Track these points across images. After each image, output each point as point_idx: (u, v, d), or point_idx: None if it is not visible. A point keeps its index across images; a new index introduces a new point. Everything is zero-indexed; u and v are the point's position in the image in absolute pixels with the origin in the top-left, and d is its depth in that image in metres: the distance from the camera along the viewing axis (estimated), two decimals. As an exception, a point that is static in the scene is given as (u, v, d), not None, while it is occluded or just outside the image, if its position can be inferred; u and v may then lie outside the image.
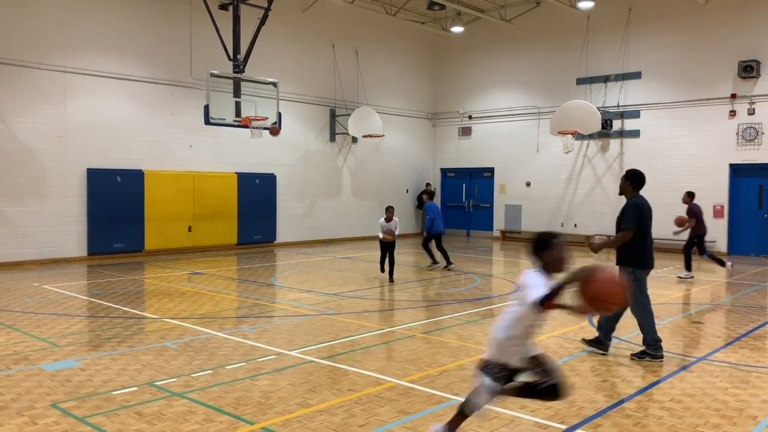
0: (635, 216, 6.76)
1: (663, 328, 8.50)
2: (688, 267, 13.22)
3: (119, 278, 12.48)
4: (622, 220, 6.88)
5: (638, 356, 6.90)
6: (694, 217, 13.09)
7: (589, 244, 6.94)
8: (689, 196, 13.32)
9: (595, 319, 7.52)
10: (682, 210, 13.53)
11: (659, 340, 6.87)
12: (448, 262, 14.03)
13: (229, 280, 12.50)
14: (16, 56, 14.06)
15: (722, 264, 13.51)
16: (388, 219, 12.36)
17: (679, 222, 13.16)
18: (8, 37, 13.98)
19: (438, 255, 14.28)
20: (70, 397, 5.47)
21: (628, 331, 8.25)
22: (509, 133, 22.11)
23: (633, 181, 7.03)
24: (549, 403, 5.40)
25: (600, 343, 7.09)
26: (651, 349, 6.86)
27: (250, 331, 8.15)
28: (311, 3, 19.29)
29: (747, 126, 17.27)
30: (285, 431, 4.80)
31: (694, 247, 13.30)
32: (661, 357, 6.83)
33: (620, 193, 7.16)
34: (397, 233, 12.41)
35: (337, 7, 19.87)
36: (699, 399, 5.60)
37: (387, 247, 12.37)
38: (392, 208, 12.69)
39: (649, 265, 6.88)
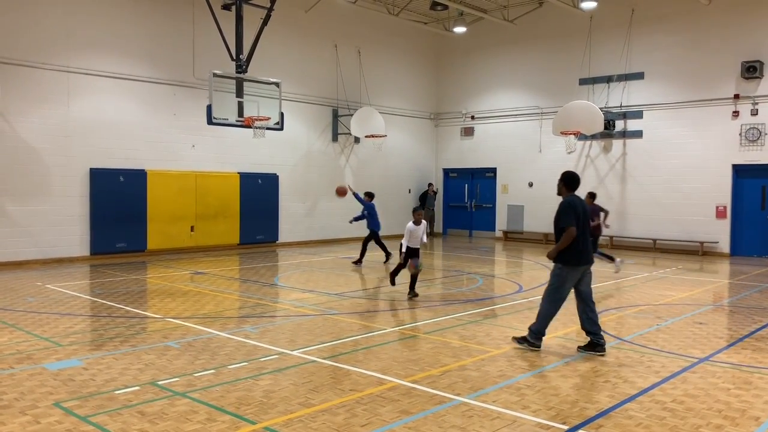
0: (570, 214, 7.01)
1: (665, 328, 8.50)
2: (610, 258, 13.81)
3: (122, 278, 12.50)
4: (558, 221, 7.10)
5: (519, 340, 7.36)
6: (597, 217, 13.29)
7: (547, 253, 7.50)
8: (591, 197, 13.49)
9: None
10: (685, 210, 13.50)
11: (542, 335, 7.24)
12: (388, 256, 14.94)
13: (232, 280, 12.51)
14: (19, 56, 14.09)
15: (611, 260, 13.79)
16: (417, 222, 10.59)
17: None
18: (12, 37, 14.01)
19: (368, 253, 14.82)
20: (72, 396, 5.49)
21: (630, 332, 8.25)
22: (512, 134, 22.11)
23: (567, 182, 7.34)
24: (551, 404, 5.40)
25: (595, 345, 7.12)
26: (532, 337, 7.25)
27: (252, 330, 8.16)
28: (314, 3, 19.30)
29: (750, 127, 17.24)
30: (287, 431, 4.80)
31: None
32: (539, 348, 7.22)
33: (558, 194, 7.45)
34: (425, 240, 10.75)
35: (339, 7, 19.88)
36: (701, 400, 5.59)
37: (411, 256, 10.57)
38: (421, 210, 11.01)
39: (578, 263, 7.05)
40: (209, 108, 13.82)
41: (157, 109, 16.41)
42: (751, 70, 16.96)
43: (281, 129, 15.37)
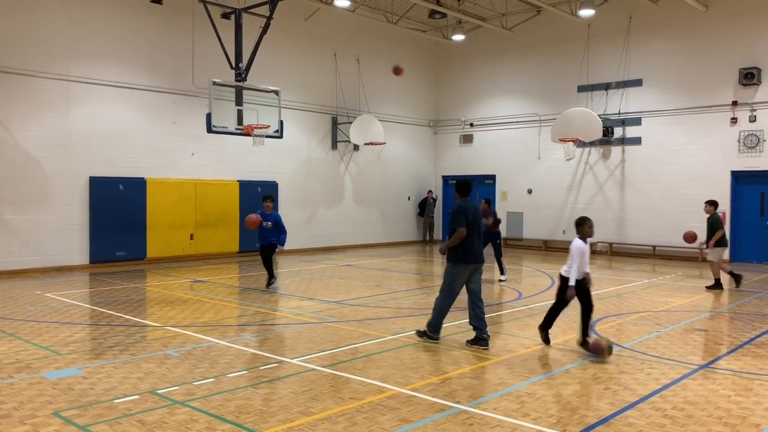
0: (461, 217, 7.67)
1: (665, 335, 8.49)
2: (502, 271, 13.81)
3: (121, 286, 12.49)
4: (451, 223, 7.77)
5: (419, 334, 7.99)
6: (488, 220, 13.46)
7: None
8: (487, 203, 13.77)
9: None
10: (684, 216, 13.50)
11: (439, 328, 7.89)
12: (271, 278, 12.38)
13: (231, 288, 12.50)
14: (19, 65, 14.14)
15: (502, 272, 13.77)
16: (587, 236, 7.82)
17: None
18: (12, 46, 14.06)
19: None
20: (72, 406, 5.48)
21: (630, 338, 8.25)
22: (511, 141, 22.14)
23: (458, 189, 8.05)
24: (551, 411, 5.40)
25: (479, 339, 7.65)
26: (430, 331, 7.91)
27: (251, 339, 8.15)
28: (313, 11, 19.38)
29: (748, 133, 17.28)
30: (287, 439, 4.79)
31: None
32: (437, 340, 7.84)
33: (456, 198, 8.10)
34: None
35: (338, 16, 19.95)
36: (702, 407, 5.59)
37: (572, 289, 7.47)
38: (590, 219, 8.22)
39: (467, 261, 7.69)
40: (209, 116, 13.82)
41: (157, 117, 16.44)
42: (749, 77, 17.01)
43: (281, 137, 15.37)
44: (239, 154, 17.83)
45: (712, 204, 12.60)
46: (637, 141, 19.26)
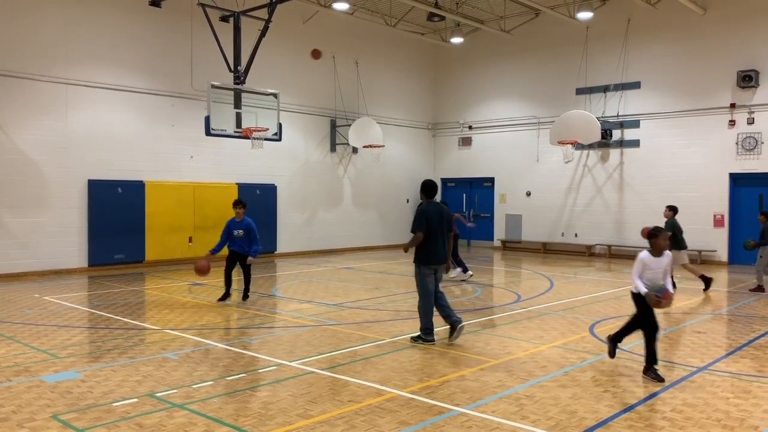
0: (422, 220, 7.88)
1: (664, 338, 8.49)
2: (465, 269, 14.13)
3: (120, 289, 12.48)
4: (413, 224, 8.03)
5: (414, 339, 8.06)
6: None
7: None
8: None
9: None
10: (683, 219, 13.49)
11: (431, 328, 7.97)
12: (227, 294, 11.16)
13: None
14: (18, 68, 14.14)
15: (465, 271, 14.13)
16: (662, 249, 6.85)
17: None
18: (10, 49, 14.06)
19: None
20: (70, 409, 5.47)
21: (629, 341, 8.24)
22: (509, 143, 22.17)
23: (423, 191, 8.20)
24: (550, 414, 5.40)
25: (452, 328, 7.93)
26: (423, 334, 7.97)
27: (250, 342, 8.14)
28: (312, 14, 19.40)
29: (746, 135, 17.31)
30: (286, 442, 4.79)
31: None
32: (432, 341, 7.92)
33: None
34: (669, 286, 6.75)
35: (337, 19, 19.98)
36: (700, 409, 5.59)
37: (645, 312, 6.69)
38: (667, 232, 7.26)
39: (429, 262, 7.91)
40: (207, 119, 13.83)
41: (156, 120, 16.44)
42: (746, 80, 17.04)
43: (279, 140, 15.37)
44: (238, 157, 17.84)
45: (671, 209, 12.90)
46: (635, 143, 19.29)
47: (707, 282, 12.74)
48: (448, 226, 8.17)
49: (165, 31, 16.52)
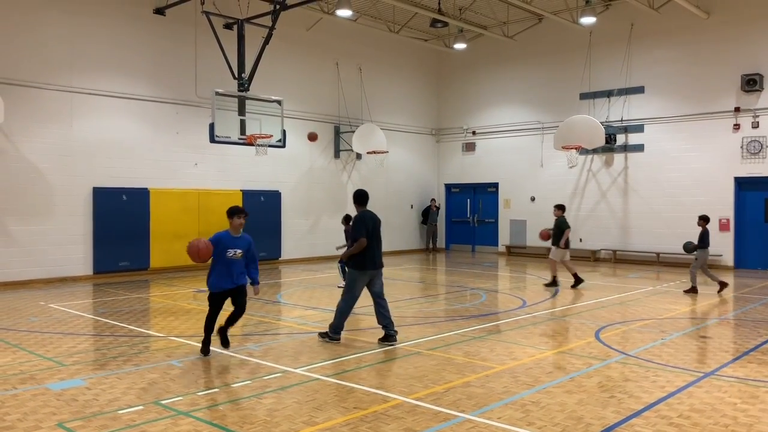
0: (361, 227, 8.22)
1: (670, 343, 8.46)
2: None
3: (125, 296, 12.49)
4: (352, 232, 8.32)
5: (321, 335, 8.45)
6: None
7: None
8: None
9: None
10: (688, 223, 13.49)
11: (341, 329, 8.34)
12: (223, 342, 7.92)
13: (235, 298, 12.47)
14: (23, 77, 14.21)
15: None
16: None
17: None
18: (16, 58, 14.14)
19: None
20: (76, 417, 5.47)
21: (635, 346, 8.22)
22: (513, 149, 22.16)
23: (355, 200, 8.60)
24: (556, 420, 5.37)
25: (388, 336, 8.22)
26: (331, 332, 8.32)
27: (255, 348, 8.13)
28: (315, 21, 19.46)
29: (751, 139, 17.27)
30: (291, 450, 4.77)
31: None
32: (338, 340, 8.31)
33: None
34: None
35: (340, 26, 20.03)
36: (708, 414, 5.55)
37: None
38: None
39: (365, 267, 8.24)
40: (212, 126, 13.89)
41: (160, 127, 16.49)
42: (751, 83, 17.01)
43: (283, 146, 15.42)
44: (242, 164, 17.87)
45: (560, 208, 13.99)
46: (639, 148, 19.25)
47: (577, 280, 13.62)
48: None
49: (169, 39, 16.58)
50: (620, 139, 19.52)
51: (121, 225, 15.49)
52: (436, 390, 6.26)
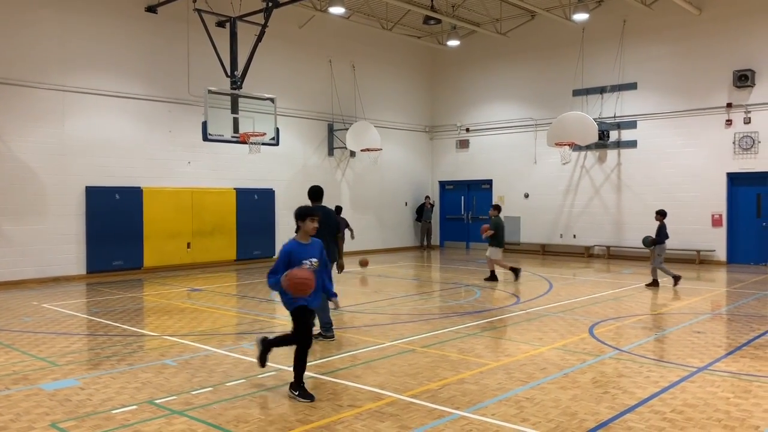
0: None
1: (663, 338, 8.49)
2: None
3: (118, 296, 12.45)
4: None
5: (315, 336, 7.85)
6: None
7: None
8: (337, 210, 14.57)
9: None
10: (681, 219, 13.56)
11: (330, 323, 8.37)
12: None
13: (229, 297, 12.48)
14: (14, 76, 14.13)
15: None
16: None
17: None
18: (7, 57, 14.05)
19: None
20: (69, 417, 5.45)
21: (629, 342, 8.25)
22: (507, 145, 22.19)
23: (310, 196, 9.08)
24: (550, 416, 5.39)
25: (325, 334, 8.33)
26: (324, 330, 8.30)
27: (249, 347, 8.12)
28: (308, 19, 19.42)
29: (743, 135, 17.34)
30: (285, 448, 4.77)
31: None
32: (332, 337, 8.31)
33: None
34: None
35: (333, 23, 20.00)
36: (701, 409, 5.58)
37: None
38: None
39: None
40: (205, 124, 13.85)
41: (153, 126, 16.44)
42: (742, 79, 17.08)
43: (277, 144, 15.41)
44: (235, 162, 17.83)
45: (496, 208, 14.74)
46: (632, 144, 19.31)
47: (516, 272, 14.16)
48: (336, 228, 8.85)
49: (161, 37, 16.52)
50: (613, 135, 19.57)
51: (114, 224, 15.44)
52: (430, 387, 6.26)
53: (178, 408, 5.66)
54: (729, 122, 17.55)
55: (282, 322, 9.88)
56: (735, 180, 17.70)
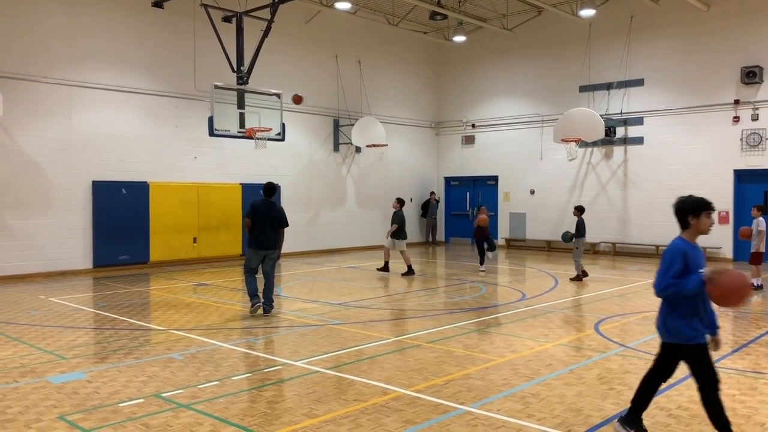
0: (249, 211, 9.92)
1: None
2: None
3: (125, 290, 12.51)
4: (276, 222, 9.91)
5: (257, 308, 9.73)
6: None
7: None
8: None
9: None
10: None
11: (254, 295, 9.74)
12: None
13: (235, 291, 12.52)
14: (21, 70, 14.17)
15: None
16: None
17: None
18: (13, 51, 14.10)
19: None
20: (77, 410, 5.49)
21: (634, 338, 8.24)
22: (513, 141, 22.14)
23: (264, 192, 10.13)
24: (555, 412, 5.39)
25: (264, 307, 9.69)
26: (251, 301, 9.71)
27: (255, 341, 8.15)
28: (314, 14, 19.40)
29: (751, 132, 17.26)
30: (292, 442, 4.79)
31: None
32: (254, 305, 9.68)
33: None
34: None
35: (339, 18, 19.98)
36: (706, 406, 5.57)
37: None
38: None
39: (256, 246, 9.83)
40: (211, 120, 13.87)
41: (159, 121, 16.47)
42: (750, 76, 16.99)
43: (283, 140, 15.42)
44: (241, 157, 17.85)
45: (399, 202, 15.39)
46: (639, 141, 19.24)
47: (410, 270, 14.51)
48: (279, 221, 9.86)
49: (168, 32, 16.54)
50: (620, 131, 19.50)
51: (120, 218, 15.49)
52: (436, 382, 6.28)
53: (184, 401, 5.69)
54: (736, 119, 17.47)
55: (288, 317, 9.90)
56: (742, 177, 17.62)
